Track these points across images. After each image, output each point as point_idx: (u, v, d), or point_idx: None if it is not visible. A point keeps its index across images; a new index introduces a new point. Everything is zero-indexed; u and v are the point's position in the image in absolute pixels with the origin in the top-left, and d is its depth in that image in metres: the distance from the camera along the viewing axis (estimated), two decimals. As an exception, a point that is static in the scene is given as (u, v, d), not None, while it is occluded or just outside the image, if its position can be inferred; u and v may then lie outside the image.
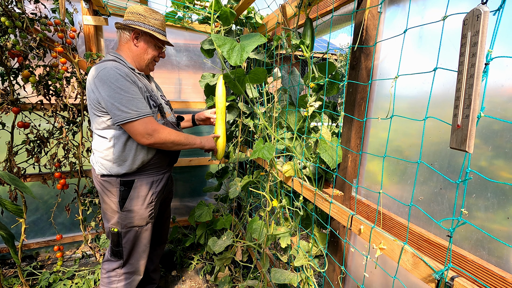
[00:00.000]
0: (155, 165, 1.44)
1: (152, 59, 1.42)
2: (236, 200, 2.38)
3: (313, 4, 1.17)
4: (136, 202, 1.39)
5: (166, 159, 1.48)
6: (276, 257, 2.03)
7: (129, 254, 1.45)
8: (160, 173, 1.48)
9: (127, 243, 1.42)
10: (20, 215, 0.94)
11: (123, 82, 1.22)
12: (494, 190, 0.61)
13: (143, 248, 1.48)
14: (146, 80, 1.43)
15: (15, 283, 1.91)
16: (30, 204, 2.08)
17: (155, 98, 1.40)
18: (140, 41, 1.37)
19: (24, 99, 1.81)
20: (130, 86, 1.24)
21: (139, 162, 1.36)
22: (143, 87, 1.34)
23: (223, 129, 1.53)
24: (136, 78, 1.32)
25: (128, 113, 1.21)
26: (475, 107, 0.47)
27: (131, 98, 1.23)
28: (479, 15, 0.45)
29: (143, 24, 1.33)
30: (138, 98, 1.26)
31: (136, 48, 1.37)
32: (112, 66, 1.23)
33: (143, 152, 1.36)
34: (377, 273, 0.95)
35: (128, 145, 1.33)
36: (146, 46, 1.38)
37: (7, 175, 0.82)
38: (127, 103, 1.21)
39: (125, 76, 1.23)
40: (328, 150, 1.04)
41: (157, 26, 1.37)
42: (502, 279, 0.57)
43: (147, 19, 1.34)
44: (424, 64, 0.77)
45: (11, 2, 1.60)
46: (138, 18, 1.33)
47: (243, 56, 0.91)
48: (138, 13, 1.34)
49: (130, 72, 1.28)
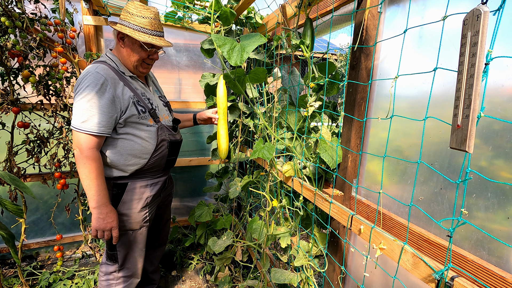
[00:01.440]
0: (150, 170, 1.41)
1: (139, 61, 1.32)
2: (236, 200, 2.38)
3: (313, 4, 1.17)
4: (129, 205, 1.36)
5: (161, 165, 1.44)
6: (276, 257, 2.03)
7: (125, 258, 1.42)
8: (155, 177, 1.45)
9: (121, 247, 1.39)
10: (20, 215, 0.94)
11: (90, 90, 1.17)
12: (494, 190, 0.61)
13: (139, 252, 1.46)
14: (139, 83, 1.37)
15: (15, 283, 1.91)
16: (30, 204, 2.08)
17: (146, 103, 1.34)
18: (126, 42, 1.29)
19: (24, 99, 1.81)
20: (94, 96, 1.18)
21: (132, 168, 1.33)
22: (130, 92, 1.28)
23: (225, 129, 1.53)
24: (122, 84, 1.27)
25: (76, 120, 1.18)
26: (475, 107, 0.47)
27: (88, 108, 1.17)
28: (479, 15, 0.45)
29: (127, 23, 1.24)
30: (95, 112, 1.19)
31: (123, 49, 1.30)
32: (94, 71, 1.19)
33: (135, 158, 1.32)
34: (377, 273, 0.95)
35: (118, 151, 1.29)
36: (131, 47, 1.29)
37: (7, 175, 0.82)
38: (83, 111, 1.17)
39: (99, 85, 1.18)
40: (328, 150, 1.04)
41: (142, 25, 1.25)
42: (502, 279, 0.57)
43: (133, 17, 1.24)
44: (424, 64, 0.77)
45: (11, 2, 1.60)
46: (125, 17, 1.25)
47: (244, 57, 0.91)
48: (126, 11, 1.26)
49: (114, 78, 1.24)
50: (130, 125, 1.30)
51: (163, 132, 1.40)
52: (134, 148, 1.32)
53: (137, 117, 1.30)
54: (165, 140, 1.41)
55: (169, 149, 1.44)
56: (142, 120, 1.32)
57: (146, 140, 1.34)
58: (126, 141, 1.30)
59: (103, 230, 1.25)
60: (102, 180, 1.23)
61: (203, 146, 2.60)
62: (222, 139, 1.50)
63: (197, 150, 2.54)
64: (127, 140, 1.30)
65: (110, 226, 1.25)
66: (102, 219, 1.24)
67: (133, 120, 1.29)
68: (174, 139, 1.46)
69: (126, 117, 1.27)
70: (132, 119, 1.29)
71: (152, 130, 1.36)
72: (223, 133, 1.49)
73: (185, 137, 2.52)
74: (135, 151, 1.32)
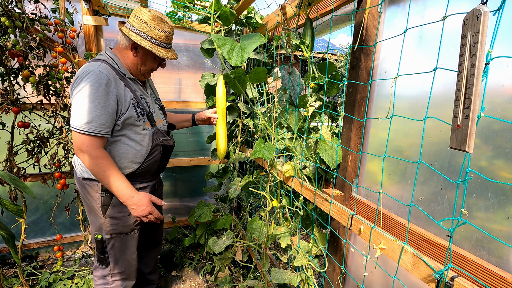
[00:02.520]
0: (141, 175, 1.39)
1: (149, 70, 1.35)
2: (236, 200, 2.38)
3: (313, 4, 1.17)
4: (119, 209, 1.33)
5: (153, 169, 1.42)
6: (276, 257, 2.03)
7: (117, 261, 1.40)
8: (144, 181, 1.43)
9: (112, 250, 1.37)
10: (20, 215, 0.94)
11: (94, 89, 1.14)
12: (494, 190, 0.61)
13: (131, 255, 1.44)
14: (138, 85, 1.36)
15: (15, 283, 1.91)
16: (30, 204, 2.08)
17: (144, 106, 1.33)
18: (139, 52, 1.27)
19: (24, 99, 1.81)
20: (98, 96, 1.15)
21: (124, 172, 1.29)
22: (131, 94, 1.27)
23: (224, 129, 1.53)
24: (123, 84, 1.25)
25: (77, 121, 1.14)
26: (475, 107, 0.47)
27: (93, 109, 1.15)
28: (479, 15, 0.45)
29: (145, 36, 1.21)
30: (100, 112, 1.16)
31: (134, 58, 1.28)
32: (96, 69, 1.16)
33: (127, 162, 1.30)
34: (377, 273, 0.95)
35: (111, 153, 1.26)
36: (144, 58, 1.29)
37: (7, 175, 0.82)
38: (86, 112, 1.14)
39: (103, 85, 1.15)
40: (328, 150, 1.04)
41: (161, 39, 1.24)
42: (502, 279, 0.57)
43: (151, 30, 1.21)
44: (424, 64, 0.77)
45: (11, 2, 1.60)
46: (142, 28, 1.21)
47: (244, 57, 0.91)
48: (143, 21, 1.20)
49: (116, 78, 1.21)
50: (127, 128, 1.27)
51: (157, 137, 1.38)
52: (128, 152, 1.29)
53: (136, 119, 1.28)
54: (159, 145, 1.38)
55: (161, 154, 1.41)
56: (139, 123, 1.30)
57: (140, 144, 1.32)
58: (121, 144, 1.28)
59: (143, 216, 1.28)
60: (118, 173, 1.22)
61: (203, 146, 2.60)
62: (221, 139, 1.50)
63: (197, 150, 2.54)
64: (122, 143, 1.28)
65: (147, 211, 1.27)
66: (135, 209, 1.25)
67: (131, 122, 1.27)
68: (167, 144, 1.44)
69: (125, 118, 1.24)
70: (130, 121, 1.27)
71: (148, 134, 1.34)
72: (222, 133, 1.49)
73: (185, 137, 2.52)
74: (129, 154, 1.30)
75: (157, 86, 2.33)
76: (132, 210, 1.27)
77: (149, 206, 1.29)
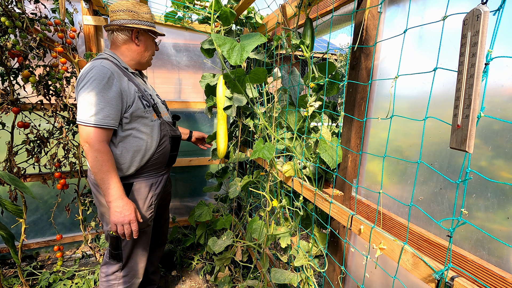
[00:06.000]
0: (154, 166, 1.42)
1: (152, 54, 1.43)
2: (236, 200, 2.38)
3: (313, 4, 1.17)
4: (136, 205, 1.35)
5: (164, 160, 1.46)
6: (276, 257, 2.03)
7: (128, 257, 1.43)
8: (159, 174, 1.47)
9: (126, 246, 1.39)
10: (20, 215, 0.94)
11: (98, 83, 1.17)
12: (494, 190, 0.61)
13: (142, 251, 1.47)
14: (140, 79, 1.41)
15: (15, 283, 1.91)
16: (30, 204, 2.08)
17: (148, 98, 1.37)
18: (141, 39, 1.36)
19: (24, 99, 1.81)
20: (102, 90, 1.17)
21: (137, 165, 1.33)
22: (135, 87, 1.31)
23: (224, 129, 1.53)
24: (126, 79, 1.29)
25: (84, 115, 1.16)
26: (475, 107, 0.47)
27: (97, 102, 1.17)
28: (479, 15, 0.45)
29: (139, 22, 1.32)
30: (107, 105, 1.18)
31: (138, 47, 1.36)
32: (99, 65, 1.20)
33: (140, 155, 1.33)
34: (377, 273, 0.95)
35: (124, 147, 1.29)
36: (146, 43, 1.38)
37: (7, 175, 0.82)
38: (92, 105, 1.16)
39: (106, 79, 1.18)
40: (328, 150, 1.04)
41: (150, 20, 1.36)
42: (502, 279, 0.57)
43: (140, 15, 1.32)
44: (424, 64, 0.76)
45: (11, 2, 1.60)
46: (132, 16, 1.30)
47: (243, 56, 0.91)
48: (128, 10, 1.30)
49: (118, 72, 1.25)
50: (136, 120, 1.31)
51: (165, 127, 1.42)
52: (140, 145, 1.33)
53: (143, 110, 1.32)
54: (166, 135, 1.43)
55: (171, 144, 1.46)
56: (147, 114, 1.34)
57: (150, 135, 1.36)
58: (133, 138, 1.31)
59: (121, 224, 1.20)
60: (115, 173, 1.21)
61: (203, 146, 2.60)
62: (220, 139, 1.50)
63: (197, 150, 2.54)
64: (133, 137, 1.32)
65: (128, 219, 1.21)
66: (119, 212, 1.19)
67: (139, 114, 1.31)
68: (175, 134, 1.49)
69: (132, 110, 1.28)
70: (138, 113, 1.30)
71: (156, 125, 1.38)
72: (222, 133, 1.49)
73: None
74: (141, 147, 1.33)
75: (157, 86, 2.34)
76: (113, 214, 1.20)
77: (132, 214, 1.22)
